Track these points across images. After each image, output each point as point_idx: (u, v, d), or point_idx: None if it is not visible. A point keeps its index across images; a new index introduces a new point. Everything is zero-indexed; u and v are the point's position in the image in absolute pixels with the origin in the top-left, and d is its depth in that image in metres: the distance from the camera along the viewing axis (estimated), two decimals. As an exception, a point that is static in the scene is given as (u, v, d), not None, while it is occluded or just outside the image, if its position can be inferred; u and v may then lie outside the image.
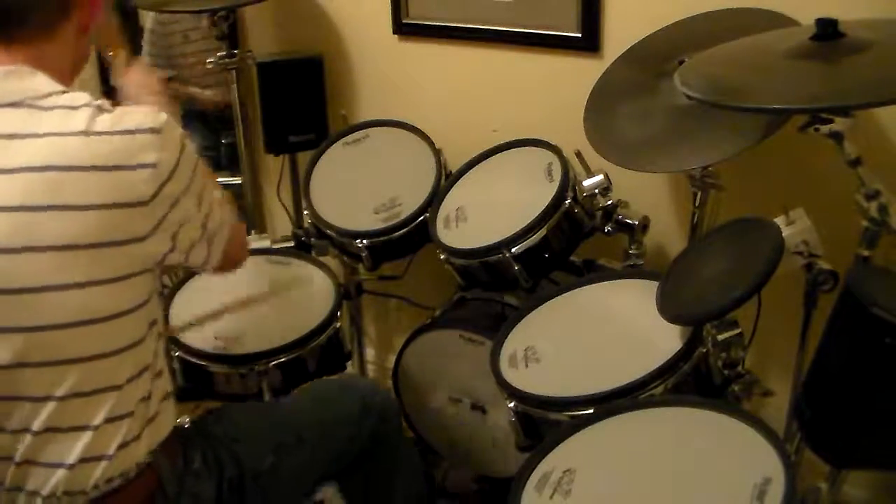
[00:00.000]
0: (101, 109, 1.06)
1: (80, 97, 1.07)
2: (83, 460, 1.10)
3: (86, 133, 1.03)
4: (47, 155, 1.02)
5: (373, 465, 1.49)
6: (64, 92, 1.08)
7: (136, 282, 1.09)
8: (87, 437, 1.09)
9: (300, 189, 2.04)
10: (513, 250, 1.55)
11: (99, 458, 1.10)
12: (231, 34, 2.10)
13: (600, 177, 1.61)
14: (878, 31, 1.19)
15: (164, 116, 1.08)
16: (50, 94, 1.06)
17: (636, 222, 1.62)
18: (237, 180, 2.31)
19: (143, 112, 1.08)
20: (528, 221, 1.55)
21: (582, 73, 1.70)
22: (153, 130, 1.06)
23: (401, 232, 1.77)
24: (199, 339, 1.64)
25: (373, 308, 2.32)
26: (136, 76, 1.51)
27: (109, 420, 1.10)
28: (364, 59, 2.12)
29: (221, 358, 1.59)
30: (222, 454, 1.26)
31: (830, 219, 1.32)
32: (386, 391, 1.55)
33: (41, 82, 1.07)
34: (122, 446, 1.12)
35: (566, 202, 1.57)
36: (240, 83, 2.14)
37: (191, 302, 1.75)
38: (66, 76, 1.15)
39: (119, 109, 1.07)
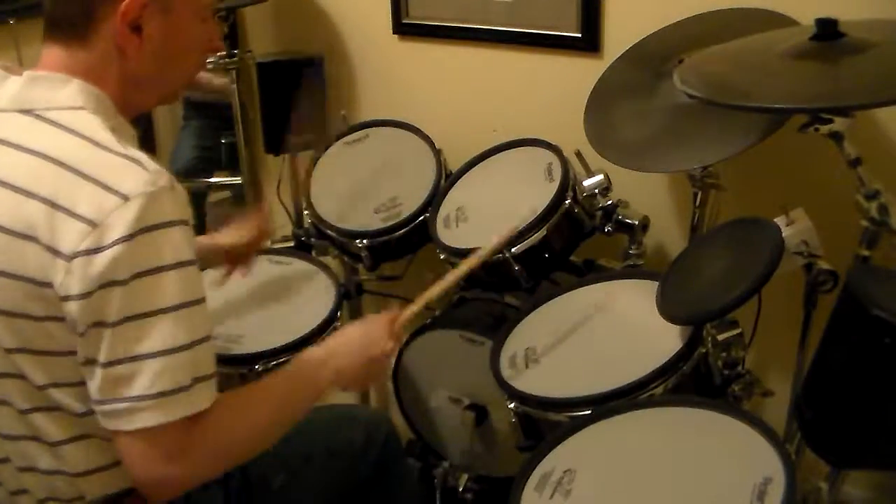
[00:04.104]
0: (95, 144, 0.95)
1: (85, 121, 0.97)
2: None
3: (44, 156, 0.94)
4: (7, 171, 0.96)
5: (375, 495, 1.47)
6: (79, 108, 0.98)
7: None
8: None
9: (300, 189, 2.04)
10: (513, 250, 1.55)
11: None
12: (231, 34, 2.10)
13: (600, 177, 1.61)
14: (878, 31, 1.19)
15: (154, 189, 0.91)
16: (60, 108, 0.98)
17: (636, 222, 1.62)
18: (237, 180, 2.32)
19: (133, 172, 0.92)
20: (528, 221, 1.55)
21: (582, 73, 1.70)
22: (123, 196, 0.90)
23: (401, 232, 1.77)
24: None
25: (373, 308, 2.31)
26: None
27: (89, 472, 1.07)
28: (364, 59, 2.12)
29: (221, 358, 1.57)
30: None
31: (830, 219, 1.32)
32: (389, 420, 1.53)
33: (64, 94, 0.99)
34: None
35: (566, 202, 1.57)
36: (240, 83, 2.14)
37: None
38: (111, 86, 1.02)
39: (115, 156, 0.93)
